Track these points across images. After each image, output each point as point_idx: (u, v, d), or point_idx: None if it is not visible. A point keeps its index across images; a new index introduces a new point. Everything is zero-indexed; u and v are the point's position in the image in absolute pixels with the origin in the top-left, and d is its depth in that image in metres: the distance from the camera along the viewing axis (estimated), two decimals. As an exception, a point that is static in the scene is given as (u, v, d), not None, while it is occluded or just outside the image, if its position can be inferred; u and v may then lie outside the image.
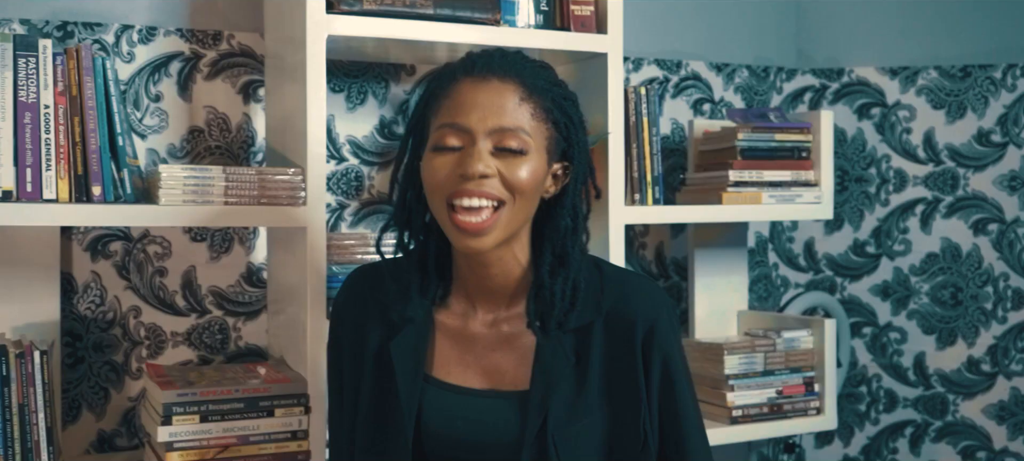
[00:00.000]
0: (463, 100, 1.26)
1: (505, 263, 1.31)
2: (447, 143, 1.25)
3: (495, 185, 1.24)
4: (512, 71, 1.27)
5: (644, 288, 1.34)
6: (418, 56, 2.02)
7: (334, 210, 2.03)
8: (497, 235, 1.26)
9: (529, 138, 1.25)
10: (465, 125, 1.24)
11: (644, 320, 1.30)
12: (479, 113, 1.24)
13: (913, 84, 2.44)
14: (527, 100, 1.26)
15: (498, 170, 1.24)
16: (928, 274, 2.45)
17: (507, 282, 1.32)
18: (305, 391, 1.65)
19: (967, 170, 2.41)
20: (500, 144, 1.24)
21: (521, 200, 1.26)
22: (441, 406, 1.32)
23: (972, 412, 2.43)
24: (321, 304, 1.68)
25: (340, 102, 2.03)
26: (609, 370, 1.30)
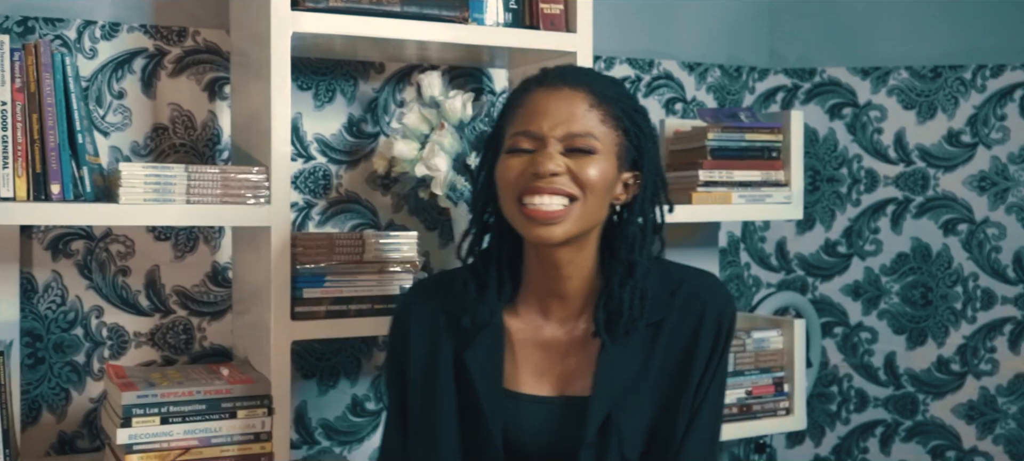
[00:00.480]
0: (536, 108, 1.32)
1: (577, 265, 1.35)
2: (520, 145, 1.32)
3: (565, 182, 1.29)
4: (582, 81, 1.34)
5: (714, 284, 1.41)
6: (387, 54, 2.00)
7: (301, 209, 2.00)
8: (567, 227, 1.30)
9: (597, 141, 1.31)
10: (536, 131, 1.31)
11: (715, 318, 1.36)
12: (550, 119, 1.31)
13: (884, 84, 2.44)
14: (596, 107, 1.32)
15: (568, 168, 1.30)
16: (898, 274, 2.46)
17: (578, 285, 1.37)
18: (268, 392, 1.63)
19: (937, 170, 2.42)
20: (570, 145, 1.30)
21: (591, 197, 1.31)
22: (515, 414, 1.36)
23: (942, 412, 2.44)
24: (285, 304, 1.66)
25: (308, 100, 2.01)
26: (669, 362, 1.35)
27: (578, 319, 1.38)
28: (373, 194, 2.06)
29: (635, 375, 1.34)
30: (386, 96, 2.07)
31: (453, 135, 1.83)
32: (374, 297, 1.75)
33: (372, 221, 2.06)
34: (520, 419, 1.36)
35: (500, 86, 2.15)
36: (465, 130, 1.86)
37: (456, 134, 1.84)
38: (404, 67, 2.08)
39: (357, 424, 2.08)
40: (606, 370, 1.33)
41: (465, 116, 1.86)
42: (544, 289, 1.38)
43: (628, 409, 1.33)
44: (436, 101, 1.86)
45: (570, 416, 1.35)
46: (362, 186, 2.05)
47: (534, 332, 1.39)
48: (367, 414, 2.09)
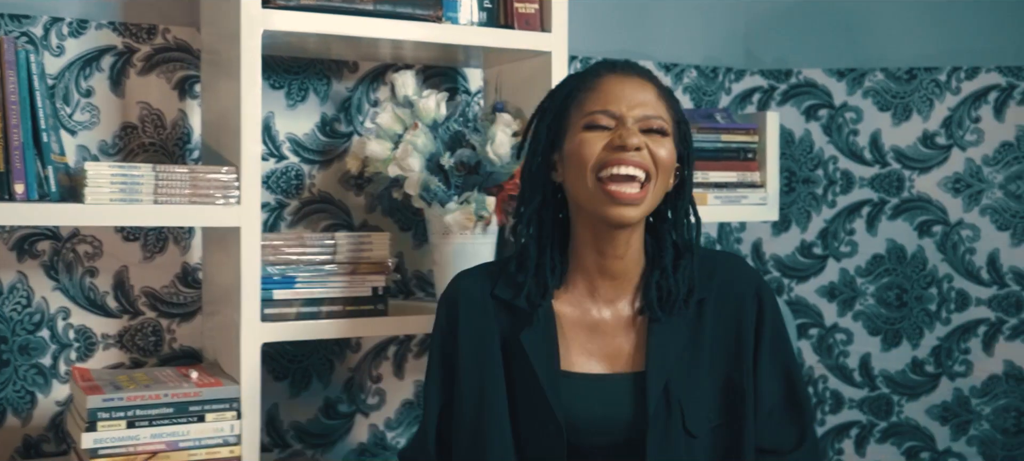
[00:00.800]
0: (610, 90, 1.39)
1: (630, 247, 1.41)
2: (598, 122, 1.37)
3: (646, 157, 1.36)
4: (647, 74, 1.43)
5: (744, 265, 1.52)
6: (361, 53, 1.98)
7: (273, 209, 1.98)
8: (644, 209, 1.38)
9: (667, 125, 1.39)
10: (615, 111, 1.37)
11: (753, 294, 1.44)
12: (627, 101, 1.38)
13: (860, 86, 2.44)
14: (661, 98, 1.41)
15: (647, 148, 1.37)
16: (874, 275, 2.46)
17: (627, 266, 1.42)
18: (237, 396, 1.61)
19: (912, 172, 2.42)
20: (646, 126, 1.37)
21: (661, 177, 1.38)
22: (570, 394, 1.39)
23: (916, 413, 2.44)
24: (255, 306, 1.64)
25: (280, 99, 1.98)
26: (721, 340, 1.43)
27: (623, 299, 1.44)
28: (346, 194, 2.04)
29: (687, 350, 1.40)
30: (360, 95, 2.05)
31: (427, 135, 1.81)
32: (346, 299, 1.73)
33: (345, 221, 2.04)
34: (574, 398, 1.39)
35: (475, 86, 2.13)
36: (439, 130, 1.84)
37: (430, 134, 1.82)
38: (378, 66, 2.06)
39: (330, 427, 2.06)
40: (658, 344, 1.39)
41: (439, 116, 1.84)
42: (595, 269, 1.43)
43: (686, 384, 1.39)
44: (410, 100, 1.84)
45: (624, 392, 1.40)
46: (335, 186, 2.03)
47: (582, 313, 1.43)
48: (340, 417, 2.07)
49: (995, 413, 2.40)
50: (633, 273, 1.44)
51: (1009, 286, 2.38)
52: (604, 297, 1.44)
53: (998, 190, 2.37)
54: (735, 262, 1.51)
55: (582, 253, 1.43)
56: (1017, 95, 2.36)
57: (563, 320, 1.43)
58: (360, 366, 2.09)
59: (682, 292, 1.41)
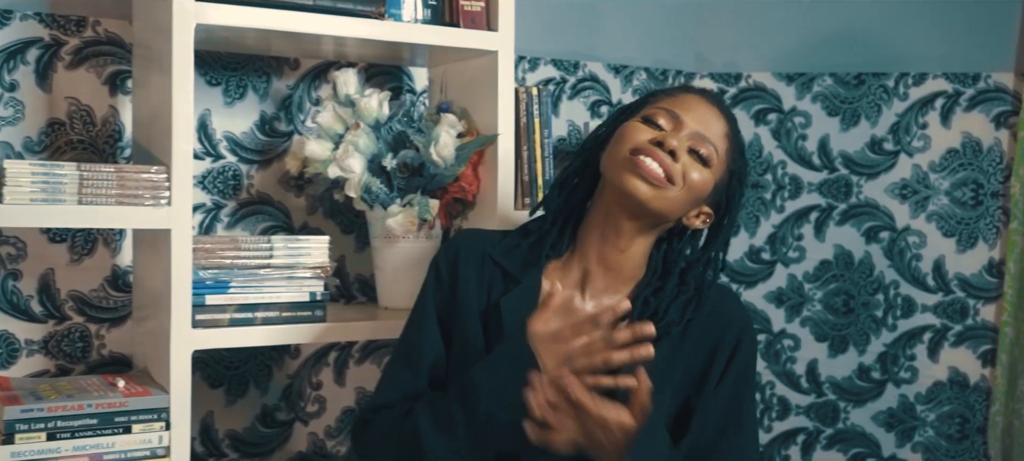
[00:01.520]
0: (685, 102, 1.44)
1: (632, 249, 1.44)
2: (657, 119, 1.43)
3: (676, 169, 1.39)
4: (727, 114, 1.47)
5: (738, 304, 1.52)
6: (302, 49, 1.92)
7: (209, 210, 1.91)
8: (654, 194, 1.39)
9: (715, 159, 1.43)
10: (680, 116, 1.42)
11: (736, 328, 1.45)
12: (693, 115, 1.43)
13: (809, 90, 2.43)
14: (727, 138, 1.45)
15: (684, 164, 1.40)
16: (821, 281, 2.45)
17: (625, 263, 1.44)
18: (166, 406, 1.54)
19: (860, 178, 2.42)
20: (695, 146, 1.41)
21: (683, 195, 1.41)
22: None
23: (862, 420, 2.44)
24: (186, 312, 1.57)
25: (217, 96, 1.92)
26: (692, 366, 1.43)
27: (611, 298, 1.44)
28: (286, 195, 1.98)
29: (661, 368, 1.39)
30: (301, 93, 1.98)
31: (368, 135, 1.76)
32: (282, 304, 1.67)
33: (285, 224, 1.98)
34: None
35: (420, 85, 2.08)
36: (382, 130, 1.79)
37: (372, 134, 1.77)
38: (320, 63, 2.00)
39: (267, 435, 2.00)
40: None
41: (381, 116, 1.79)
42: (594, 255, 1.45)
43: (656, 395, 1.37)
44: (351, 99, 1.79)
45: None
46: (275, 187, 1.97)
47: (567, 296, 1.42)
48: (278, 425, 2.01)
49: (940, 420, 2.40)
50: (629, 275, 1.45)
51: (954, 293, 2.38)
52: (594, 288, 1.45)
53: (944, 197, 2.38)
54: (731, 298, 1.51)
55: (588, 236, 1.46)
56: (963, 102, 2.36)
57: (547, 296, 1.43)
58: (299, 373, 2.03)
59: (672, 323, 1.42)
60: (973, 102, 2.36)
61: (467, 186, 1.81)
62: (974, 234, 2.37)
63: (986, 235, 2.36)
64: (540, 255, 1.46)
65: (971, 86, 2.36)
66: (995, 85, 2.34)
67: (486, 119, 1.82)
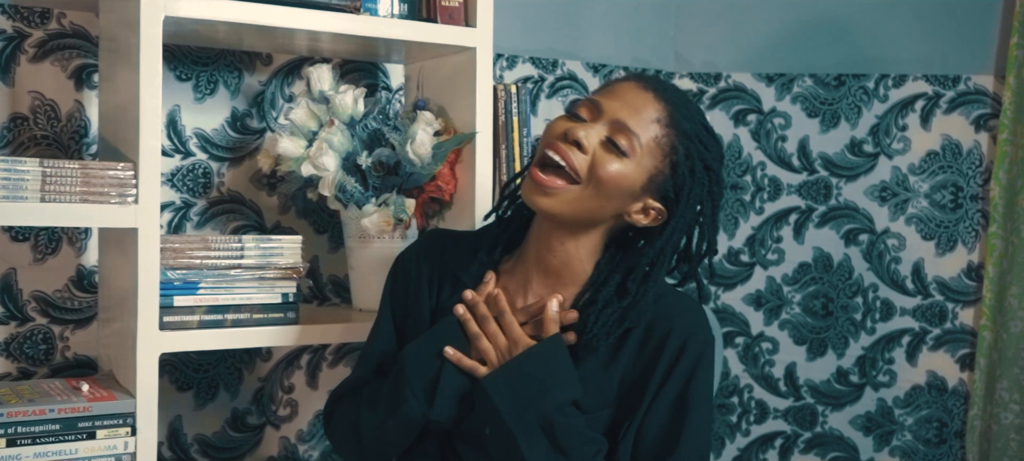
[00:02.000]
0: (614, 90, 1.34)
1: (567, 254, 1.36)
2: (577, 111, 1.34)
3: (581, 161, 1.30)
4: (669, 98, 1.33)
5: (691, 308, 1.38)
6: (275, 44, 1.88)
7: (178, 209, 1.86)
8: (554, 203, 1.31)
9: (638, 149, 1.30)
10: (601, 105, 1.32)
11: (680, 333, 1.33)
12: (618, 103, 1.31)
13: (789, 91, 2.41)
14: (662, 124, 1.31)
15: (594, 155, 1.29)
16: (800, 284, 2.43)
17: (563, 272, 1.37)
18: (132, 411, 1.49)
19: (840, 180, 2.40)
20: (612, 136, 1.30)
21: (594, 192, 1.30)
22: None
23: (840, 423, 2.42)
24: (153, 313, 1.52)
25: (187, 91, 1.87)
26: (630, 371, 1.34)
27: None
28: (258, 194, 1.93)
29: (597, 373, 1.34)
30: (273, 89, 1.94)
31: (343, 133, 1.72)
32: (253, 306, 1.62)
33: (257, 223, 1.93)
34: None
35: (396, 82, 2.04)
36: (357, 128, 1.75)
37: (347, 132, 1.73)
38: (294, 59, 1.95)
39: (237, 440, 1.95)
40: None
41: (356, 113, 1.75)
42: (533, 258, 1.39)
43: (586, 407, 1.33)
44: (326, 96, 1.75)
45: None
46: (246, 185, 1.92)
47: (511, 301, 1.39)
48: (248, 429, 1.96)
49: (918, 424, 2.39)
50: (569, 279, 1.38)
51: (933, 296, 2.37)
52: (536, 292, 1.39)
53: (924, 199, 2.37)
54: (683, 306, 1.37)
55: (528, 240, 1.41)
56: (943, 104, 2.35)
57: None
58: (271, 376, 1.98)
59: (600, 334, 1.32)
60: (953, 104, 2.35)
61: (444, 185, 1.77)
62: (953, 237, 2.36)
63: (965, 238, 2.35)
64: (490, 259, 1.42)
65: (951, 88, 2.35)
66: (975, 87, 2.34)
67: (463, 117, 1.78)
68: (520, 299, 1.40)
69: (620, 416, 1.34)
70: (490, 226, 1.48)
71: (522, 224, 1.44)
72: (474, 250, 1.43)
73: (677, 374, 1.32)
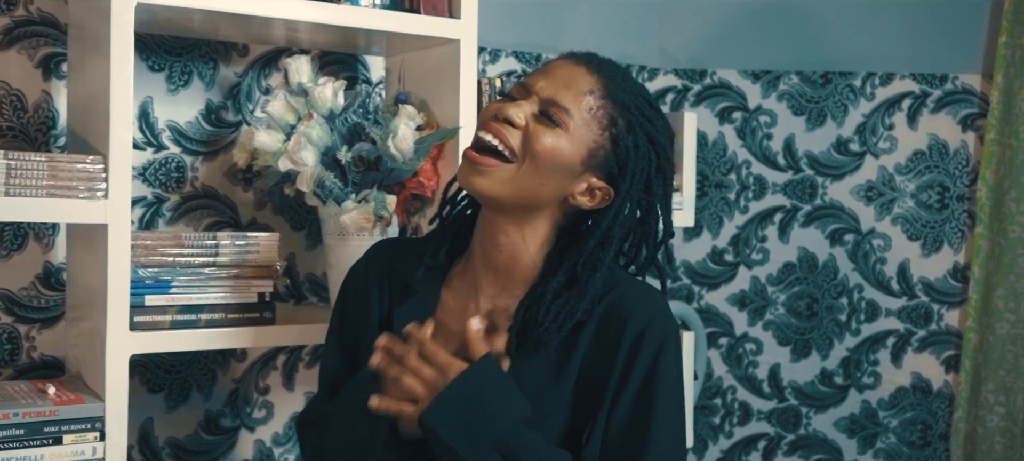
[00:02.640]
0: (548, 69, 1.29)
1: (513, 245, 1.30)
2: (511, 92, 1.29)
3: (515, 136, 1.25)
4: (603, 71, 1.28)
5: (649, 296, 1.30)
6: (252, 34, 1.82)
7: (150, 204, 1.80)
8: (491, 184, 1.25)
9: (571, 121, 1.25)
10: (531, 85, 1.28)
11: (637, 322, 1.25)
12: (549, 80, 1.27)
13: (775, 89, 2.38)
14: (596, 96, 1.26)
15: (528, 129, 1.25)
16: (785, 284, 2.40)
17: (512, 268, 1.31)
18: (101, 415, 1.43)
19: (825, 179, 2.37)
20: (545, 109, 1.25)
21: (530, 169, 1.25)
22: None
23: (824, 425, 2.40)
24: (123, 313, 1.46)
25: (160, 82, 1.80)
26: (585, 371, 1.27)
27: (506, 300, 1.31)
28: (233, 189, 1.87)
29: (544, 374, 1.27)
30: (250, 81, 1.88)
31: (322, 126, 1.66)
32: (228, 305, 1.57)
33: (231, 219, 1.87)
34: None
35: (376, 75, 1.99)
36: (336, 121, 1.70)
37: (326, 125, 1.67)
38: (271, 50, 1.89)
39: (210, 443, 1.89)
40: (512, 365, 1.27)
41: (336, 106, 1.69)
42: (480, 257, 1.33)
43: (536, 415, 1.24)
44: (304, 88, 1.69)
45: None
46: (221, 180, 1.86)
47: (462, 305, 1.33)
48: (222, 432, 1.90)
49: (902, 426, 2.37)
50: (519, 274, 1.31)
51: (919, 297, 2.35)
52: (487, 293, 1.33)
53: (910, 199, 2.34)
54: (639, 293, 1.29)
55: (474, 239, 1.35)
56: (930, 103, 2.33)
57: (445, 307, 1.35)
58: (245, 377, 1.92)
59: (544, 329, 1.25)
60: (940, 103, 2.33)
61: (426, 181, 1.72)
62: (939, 238, 2.34)
63: (951, 239, 2.33)
64: (430, 263, 1.35)
65: (938, 87, 2.32)
66: (962, 86, 2.31)
67: (446, 112, 1.74)
68: (472, 304, 1.33)
69: (579, 419, 1.26)
70: (434, 231, 1.41)
71: (466, 226, 1.38)
72: (420, 255, 1.36)
73: (638, 367, 1.24)
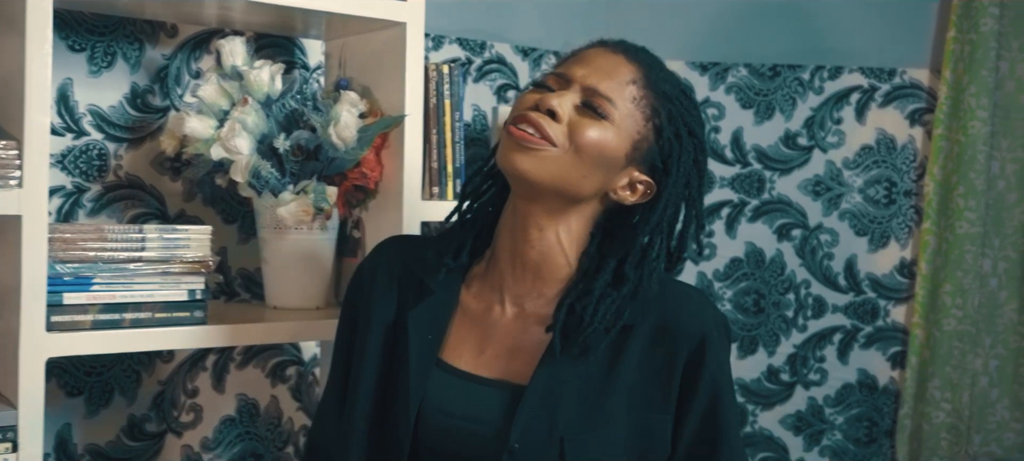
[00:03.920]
0: (584, 57, 1.25)
1: (547, 244, 1.25)
2: (548, 83, 1.25)
3: (557, 130, 1.19)
4: (642, 60, 1.24)
5: (698, 300, 1.28)
6: (181, 14, 1.71)
7: (70, 194, 1.68)
8: (536, 165, 1.19)
9: (615, 111, 1.20)
10: (568, 75, 1.23)
11: (693, 334, 1.22)
12: (588, 69, 1.22)
13: (723, 81, 2.34)
14: (638, 85, 1.22)
15: (571, 122, 1.20)
16: (732, 280, 2.37)
17: (543, 266, 1.25)
18: (14, 424, 1.32)
19: (773, 173, 2.34)
20: (588, 100, 1.21)
21: (575, 159, 1.20)
22: (444, 389, 1.25)
23: (770, 423, 2.37)
24: (39, 312, 1.35)
25: (81, 63, 1.68)
26: (643, 380, 1.22)
27: (536, 301, 1.26)
28: (161, 179, 1.76)
29: (593, 380, 1.21)
30: (179, 64, 1.77)
31: (258, 112, 1.57)
32: (155, 304, 1.46)
33: (159, 211, 1.76)
34: (438, 391, 1.24)
35: (314, 60, 1.89)
36: (273, 107, 1.60)
37: (262, 112, 1.58)
38: (202, 31, 1.78)
39: (134, 449, 1.78)
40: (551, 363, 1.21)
41: (273, 91, 1.60)
42: (508, 255, 1.27)
43: (583, 420, 1.20)
44: (239, 72, 1.60)
45: (495, 402, 1.23)
46: (147, 169, 1.75)
47: (486, 307, 1.28)
48: (147, 437, 1.79)
49: (848, 423, 2.35)
50: (551, 273, 1.25)
51: (865, 293, 2.33)
52: (514, 293, 1.27)
53: (857, 194, 2.32)
54: (690, 295, 1.27)
55: (500, 237, 1.28)
56: (879, 97, 2.31)
57: (466, 309, 1.29)
58: (172, 379, 1.81)
59: (599, 330, 1.20)
60: (888, 98, 2.31)
61: (369, 172, 1.63)
62: (886, 233, 2.32)
63: (898, 235, 2.32)
64: (452, 263, 1.29)
65: (887, 81, 2.31)
66: (910, 81, 2.30)
67: (391, 99, 1.65)
68: (497, 306, 1.27)
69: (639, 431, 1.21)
70: (453, 228, 1.34)
71: (488, 224, 1.32)
72: (439, 254, 1.29)
73: (704, 380, 1.22)
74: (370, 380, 1.28)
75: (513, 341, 1.26)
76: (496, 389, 1.24)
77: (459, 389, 1.25)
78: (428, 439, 1.24)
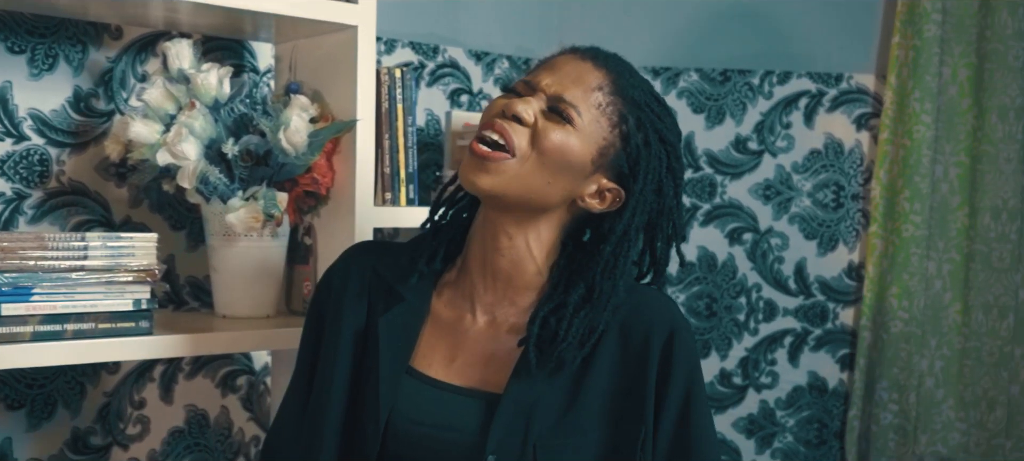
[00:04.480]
0: (552, 64, 1.25)
1: (517, 253, 1.25)
2: (516, 88, 1.25)
3: (522, 135, 1.20)
4: (611, 66, 1.24)
5: (663, 300, 1.28)
6: (126, 15, 1.67)
7: (10, 201, 1.64)
8: (497, 182, 1.20)
9: (580, 118, 1.20)
10: (535, 82, 1.23)
11: (662, 329, 1.22)
12: (556, 75, 1.23)
13: (675, 86, 2.35)
14: (605, 92, 1.22)
15: (537, 126, 1.20)
16: (685, 284, 2.38)
17: (514, 275, 1.25)
18: (-49, 439, 1.27)
19: (725, 177, 2.35)
20: (553, 105, 1.20)
21: (537, 165, 1.20)
22: (415, 397, 1.24)
23: (723, 427, 2.38)
24: (-22, 324, 1.30)
25: (21, 66, 1.64)
26: (614, 386, 1.22)
27: (508, 309, 1.26)
28: (105, 185, 1.72)
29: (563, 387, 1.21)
30: (124, 67, 1.73)
31: (206, 117, 1.54)
32: (99, 314, 1.42)
33: (104, 218, 1.72)
34: (408, 400, 1.23)
35: (264, 63, 1.86)
36: (221, 112, 1.57)
37: (210, 116, 1.55)
38: (147, 33, 1.75)
39: (78, 463, 1.73)
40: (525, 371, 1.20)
41: (221, 95, 1.57)
42: (479, 263, 1.26)
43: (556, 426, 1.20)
44: (186, 75, 1.56)
45: (467, 411, 1.22)
46: (91, 175, 1.71)
47: (458, 315, 1.28)
48: (91, 451, 1.74)
49: (799, 425, 2.37)
50: (522, 281, 1.26)
51: (815, 296, 2.35)
52: (485, 302, 1.27)
53: (806, 198, 2.35)
54: (655, 295, 1.28)
55: (471, 245, 1.28)
56: (826, 102, 2.34)
57: (437, 317, 1.28)
58: (118, 390, 1.77)
59: (573, 344, 1.20)
60: (836, 103, 2.34)
61: (320, 178, 1.61)
62: (835, 237, 2.35)
63: (846, 238, 2.35)
64: (424, 269, 1.28)
65: (834, 86, 2.33)
66: (856, 86, 2.33)
67: (342, 103, 1.63)
68: (468, 314, 1.27)
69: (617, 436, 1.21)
70: (424, 235, 1.33)
71: (460, 230, 1.31)
72: (411, 260, 1.28)
73: (674, 380, 1.21)
74: (340, 388, 1.26)
75: (484, 350, 1.25)
76: (469, 398, 1.23)
77: (430, 397, 1.24)
78: (397, 448, 1.22)
